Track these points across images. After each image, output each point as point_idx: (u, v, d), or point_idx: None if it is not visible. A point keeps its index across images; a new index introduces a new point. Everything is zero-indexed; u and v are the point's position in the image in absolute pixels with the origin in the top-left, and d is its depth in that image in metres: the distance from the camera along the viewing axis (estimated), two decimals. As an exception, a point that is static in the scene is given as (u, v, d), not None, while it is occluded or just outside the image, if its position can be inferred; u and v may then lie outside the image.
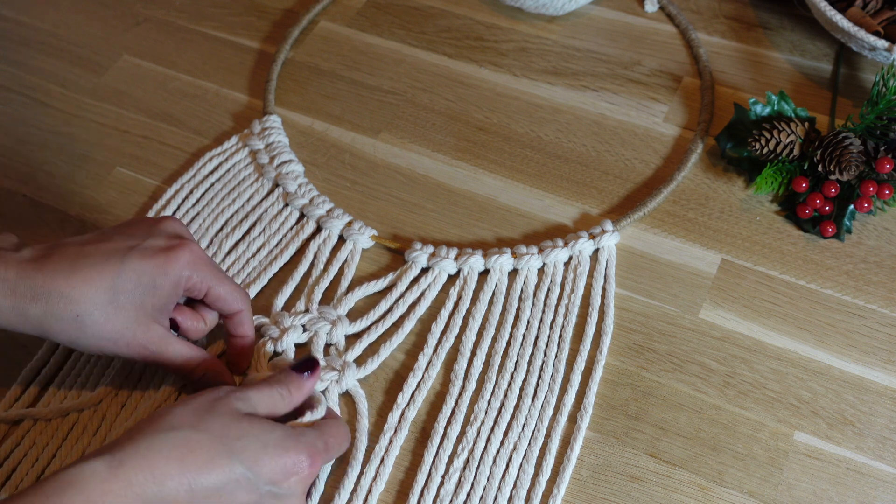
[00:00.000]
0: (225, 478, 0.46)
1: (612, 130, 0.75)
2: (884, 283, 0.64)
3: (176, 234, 0.56)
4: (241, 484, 0.47)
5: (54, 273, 0.52)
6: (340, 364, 0.60)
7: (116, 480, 0.43)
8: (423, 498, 0.55)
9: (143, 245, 0.54)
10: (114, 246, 0.54)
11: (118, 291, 0.52)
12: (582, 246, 0.65)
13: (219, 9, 0.87)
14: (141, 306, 0.53)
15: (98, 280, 0.52)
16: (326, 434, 0.52)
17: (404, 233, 0.69)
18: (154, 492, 0.44)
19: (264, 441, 0.48)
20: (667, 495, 0.55)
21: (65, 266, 0.52)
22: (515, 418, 0.58)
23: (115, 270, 0.52)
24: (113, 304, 0.52)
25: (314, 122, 0.77)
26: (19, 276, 0.51)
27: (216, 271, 0.56)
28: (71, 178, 0.74)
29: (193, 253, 0.55)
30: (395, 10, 0.86)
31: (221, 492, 0.46)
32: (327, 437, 0.52)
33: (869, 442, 0.57)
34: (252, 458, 0.47)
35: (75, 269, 0.52)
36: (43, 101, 0.80)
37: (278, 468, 0.48)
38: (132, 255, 0.53)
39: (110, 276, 0.52)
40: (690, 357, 0.61)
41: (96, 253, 0.53)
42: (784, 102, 0.70)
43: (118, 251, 0.53)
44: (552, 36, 0.82)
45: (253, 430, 0.48)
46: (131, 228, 0.56)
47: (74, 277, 0.52)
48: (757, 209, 0.69)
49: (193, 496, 0.45)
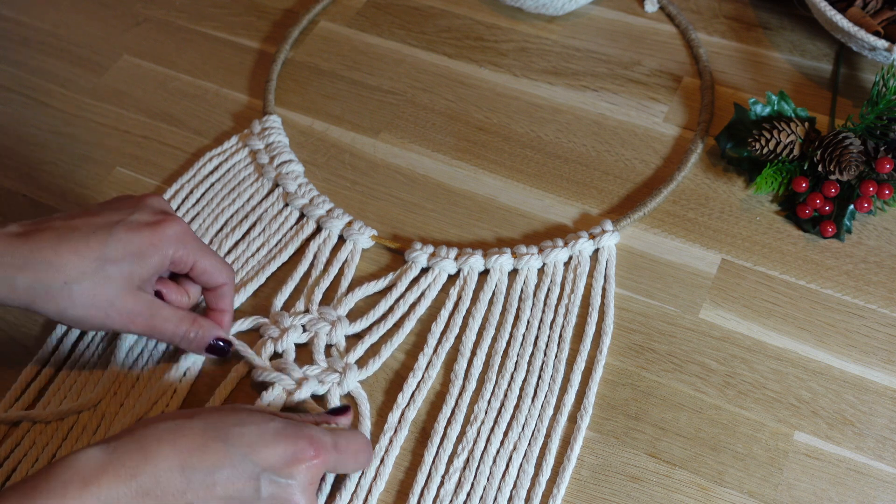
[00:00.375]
0: (219, 461, 0.46)
1: (612, 130, 0.75)
2: (884, 283, 0.64)
3: (161, 210, 0.57)
4: (238, 469, 0.46)
5: (42, 244, 0.52)
6: (342, 366, 0.60)
7: (111, 463, 0.44)
8: (423, 498, 0.55)
9: (129, 219, 0.55)
10: (101, 220, 0.55)
11: (106, 260, 0.53)
12: (582, 246, 0.65)
13: (219, 9, 0.87)
14: (129, 276, 0.54)
15: (86, 250, 0.53)
16: (338, 436, 0.51)
17: (404, 233, 0.69)
18: (148, 473, 0.45)
19: (263, 429, 0.48)
20: (667, 495, 0.55)
21: (52, 238, 0.53)
22: (515, 418, 0.58)
23: (103, 241, 0.53)
24: (101, 272, 0.53)
25: (314, 122, 0.77)
26: (6, 247, 0.52)
27: (201, 245, 0.57)
28: (71, 178, 0.74)
29: (180, 227, 0.56)
30: (395, 10, 0.86)
31: (216, 475, 0.46)
32: (339, 438, 0.51)
33: (869, 442, 0.57)
34: (248, 444, 0.47)
35: (62, 240, 0.53)
36: (43, 101, 0.80)
37: (277, 455, 0.48)
38: (119, 227, 0.54)
39: (98, 246, 0.53)
40: (690, 357, 0.61)
41: (83, 226, 0.54)
42: (784, 102, 0.70)
43: (106, 224, 0.54)
44: (552, 36, 0.82)
45: (252, 419, 0.49)
46: (117, 203, 0.57)
47: (62, 247, 0.52)
48: (757, 209, 0.69)
49: (188, 479, 0.45)
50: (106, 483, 0.44)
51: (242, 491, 0.47)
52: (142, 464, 0.45)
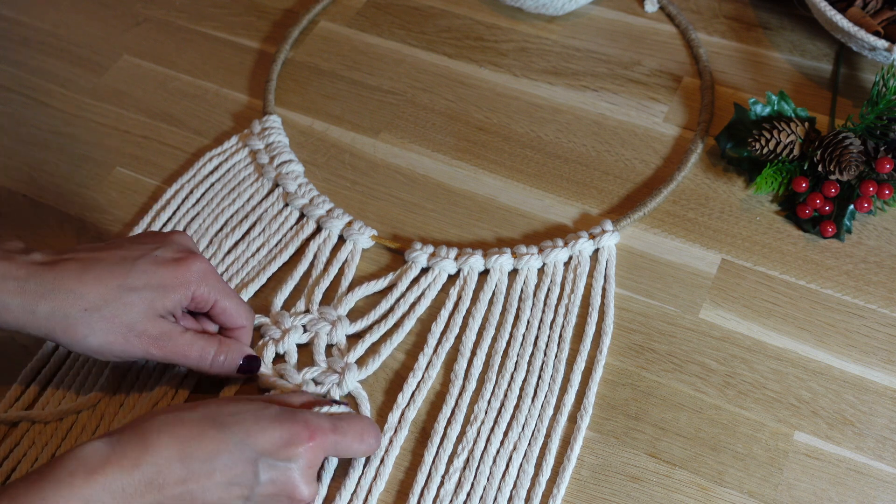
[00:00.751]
0: (217, 448, 0.47)
1: (612, 130, 0.75)
2: (884, 283, 0.64)
3: (186, 248, 0.58)
4: (235, 455, 0.47)
5: (65, 273, 0.53)
6: (341, 367, 0.60)
7: (114, 454, 0.46)
8: (423, 498, 0.55)
9: (154, 253, 0.56)
10: (125, 252, 0.55)
11: (128, 289, 0.54)
12: (582, 246, 0.65)
13: (219, 9, 0.87)
14: (150, 304, 0.54)
15: (108, 279, 0.53)
16: (338, 418, 0.52)
17: (404, 233, 0.69)
18: (149, 463, 0.46)
19: (258, 416, 0.49)
20: (667, 495, 0.55)
21: (76, 268, 0.53)
22: (515, 418, 0.58)
23: (126, 271, 0.54)
24: (122, 300, 0.53)
25: (314, 122, 0.77)
26: (30, 275, 0.52)
27: (224, 285, 0.58)
28: (71, 178, 0.74)
29: (204, 265, 0.57)
30: (395, 10, 0.86)
31: (215, 462, 0.47)
32: (338, 421, 0.52)
33: (869, 442, 0.57)
34: (245, 430, 0.48)
35: (86, 270, 0.53)
36: (43, 101, 0.80)
37: (274, 439, 0.48)
38: (144, 260, 0.55)
39: (121, 276, 0.54)
40: (690, 357, 0.61)
41: (108, 258, 0.55)
42: (784, 102, 0.70)
43: (130, 257, 0.55)
44: (552, 36, 0.82)
45: (248, 406, 0.50)
46: (143, 238, 0.58)
47: (86, 276, 0.53)
48: (757, 209, 0.69)
49: (188, 468, 0.47)
50: (110, 473, 0.45)
51: (241, 476, 0.48)
52: (143, 454, 0.46)
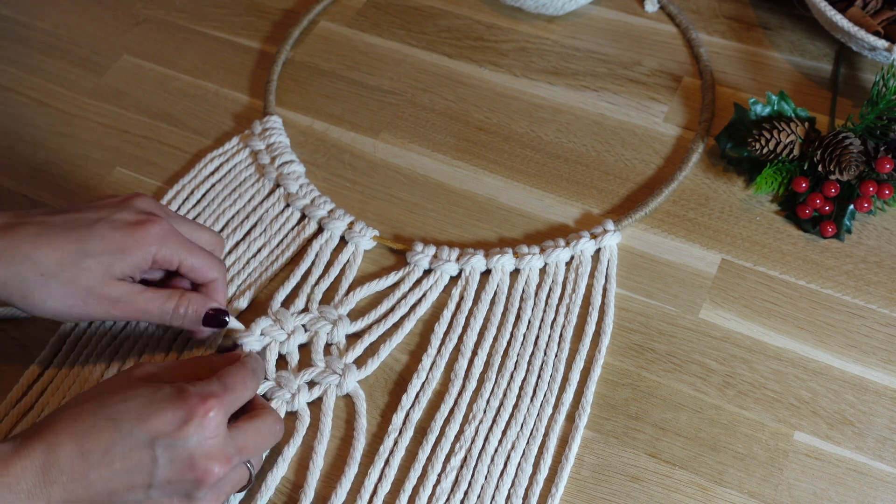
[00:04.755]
0: (110, 439, 0.47)
1: (612, 130, 0.75)
2: (884, 283, 0.64)
3: (146, 210, 0.57)
4: (129, 443, 0.47)
5: (20, 238, 0.53)
6: (341, 368, 0.60)
7: (17, 455, 0.46)
8: (417, 495, 0.55)
9: (112, 217, 0.55)
10: (83, 216, 0.55)
11: (85, 254, 0.53)
12: (584, 245, 0.65)
13: (219, 9, 0.87)
14: (108, 268, 0.54)
15: (64, 243, 0.53)
16: (225, 376, 0.51)
17: (404, 233, 0.69)
18: (51, 461, 0.46)
19: (149, 399, 0.49)
20: (667, 495, 0.55)
21: (32, 232, 0.53)
22: (514, 417, 0.58)
23: (83, 236, 0.54)
24: (78, 264, 0.53)
25: (314, 122, 0.77)
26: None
27: (186, 243, 0.57)
28: (71, 178, 0.74)
29: (162, 227, 0.56)
30: (395, 10, 0.86)
31: (112, 454, 0.47)
32: (226, 379, 0.51)
33: (869, 442, 0.57)
34: (136, 416, 0.48)
35: (42, 234, 0.53)
36: (43, 101, 0.80)
37: (166, 420, 0.48)
38: (101, 224, 0.54)
39: (77, 241, 0.53)
40: (690, 357, 0.61)
41: (64, 222, 0.54)
42: (784, 102, 0.70)
43: (87, 221, 0.54)
44: (552, 36, 0.82)
45: (141, 391, 0.49)
46: (102, 202, 0.57)
47: (40, 241, 0.53)
48: (757, 209, 0.69)
49: (87, 461, 0.47)
50: (14, 473, 0.46)
51: (139, 463, 0.48)
52: (44, 454, 0.47)
